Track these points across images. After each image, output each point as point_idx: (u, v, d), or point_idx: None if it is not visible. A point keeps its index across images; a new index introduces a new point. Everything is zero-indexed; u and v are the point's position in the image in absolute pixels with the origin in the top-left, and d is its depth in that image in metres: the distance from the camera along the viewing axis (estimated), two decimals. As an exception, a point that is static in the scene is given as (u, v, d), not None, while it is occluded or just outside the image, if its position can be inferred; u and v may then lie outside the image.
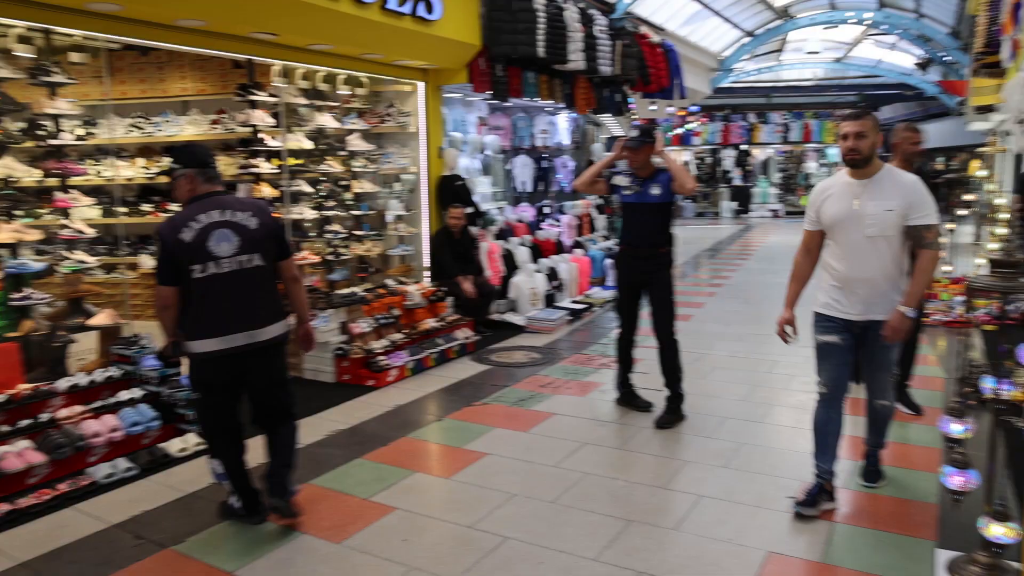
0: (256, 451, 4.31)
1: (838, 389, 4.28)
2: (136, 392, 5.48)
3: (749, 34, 19.09)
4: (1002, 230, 9.31)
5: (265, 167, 7.47)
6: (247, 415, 4.20)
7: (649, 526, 4.13)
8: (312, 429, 5.66)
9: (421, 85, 8.96)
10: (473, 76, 8.84)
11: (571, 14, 9.82)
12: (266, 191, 7.45)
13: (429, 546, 3.96)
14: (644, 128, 5.82)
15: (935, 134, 31.12)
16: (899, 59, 24.95)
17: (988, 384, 3.86)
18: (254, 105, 7.39)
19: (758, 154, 30.48)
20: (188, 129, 8.61)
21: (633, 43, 11.82)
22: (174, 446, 5.16)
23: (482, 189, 10.52)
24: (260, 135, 7.49)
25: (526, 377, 7.02)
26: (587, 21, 10.37)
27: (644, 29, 12.69)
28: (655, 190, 5.67)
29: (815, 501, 4.23)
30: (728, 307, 10.29)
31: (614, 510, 4.32)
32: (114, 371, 5.60)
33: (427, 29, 7.68)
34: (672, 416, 5.72)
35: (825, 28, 20.74)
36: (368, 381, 6.78)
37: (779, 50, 24.57)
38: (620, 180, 5.84)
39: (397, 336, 7.27)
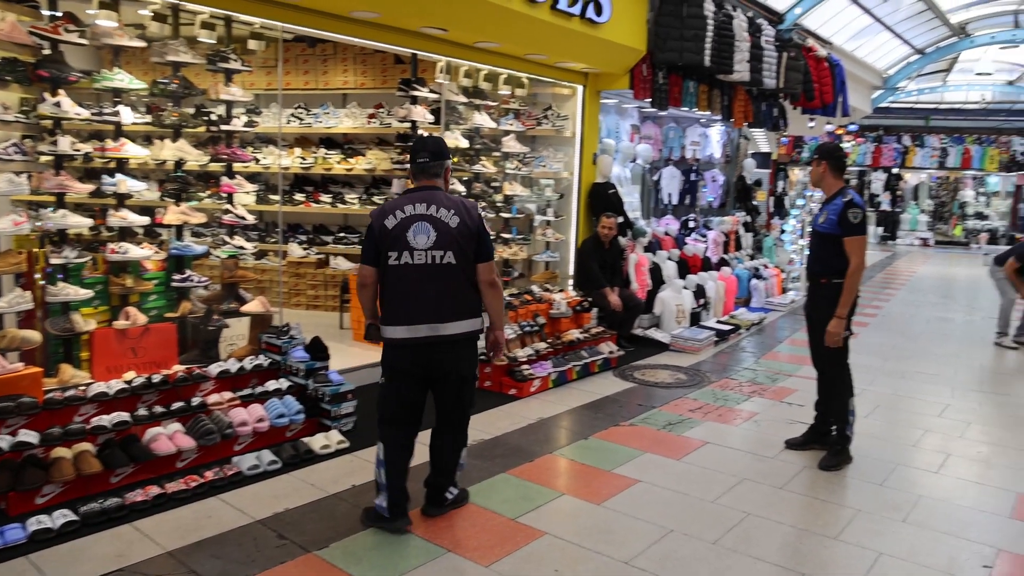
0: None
1: None
2: (283, 383, 5.44)
3: (919, 52, 17.88)
4: None
5: (420, 164, 7.37)
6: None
7: (826, 585, 3.70)
8: (453, 437, 5.48)
9: (580, 88, 8.70)
10: (635, 82, 8.50)
11: (740, 23, 9.34)
12: (419, 188, 7.35)
13: (583, 583, 3.65)
14: (820, 145, 5.42)
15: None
16: (1084, 85, 22.88)
17: None
18: (415, 101, 7.30)
19: (910, 178, 28.75)
20: (345, 122, 8.68)
21: (799, 56, 11.19)
22: (317, 442, 5.06)
23: (628, 199, 10.16)
24: (419, 131, 7.39)
25: (673, 399, 6.63)
26: (755, 31, 9.86)
27: (811, 42, 12.00)
28: (821, 217, 5.23)
29: None
30: (884, 340, 9.54)
31: (783, 560, 3.91)
32: (263, 360, 5.58)
33: (594, 31, 7.40)
34: (837, 458, 5.23)
35: (1002, 48, 19.23)
36: (510, 390, 6.55)
37: (947, 70, 23.00)
38: None
39: (541, 345, 7.01)
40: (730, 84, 10.14)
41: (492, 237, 8.00)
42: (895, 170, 27.95)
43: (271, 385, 5.39)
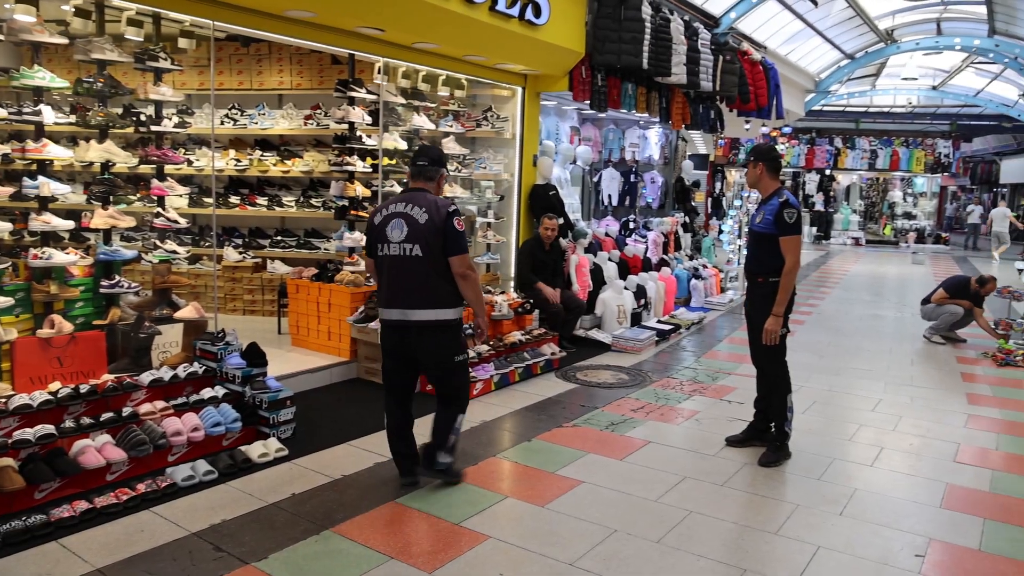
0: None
1: None
2: (219, 390, 5.29)
3: (849, 56, 18.36)
4: None
5: (359, 165, 7.26)
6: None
7: (767, 580, 3.74)
8: (395, 442, 5.41)
9: (520, 90, 8.69)
10: (574, 84, 8.53)
11: (677, 26, 9.45)
12: (359, 190, 7.24)
13: (528, 587, 3.62)
14: (755, 147, 5.51)
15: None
16: (1001, 90, 23.84)
17: None
18: (352, 102, 7.19)
19: (842, 179, 29.56)
20: (281, 123, 8.53)
21: (735, 59, 11.38)
22: (255, 451, 4.92)
23: (569, 200, 10.19)
24: (357, 132, 7.28)
25: (616, 399, 6.66)
26: (691, 34, 9.99)
27: (746, 46, 12.22)
28: (758, 217, 5.32)
29: None
30: (820, 338, 9.76)
31: (725, 556, 3.95)
32: (197, 367, 5.42)
33: (533, 33, 7.40)
34: (777, 454, 5.32)
35: (925, 54, 19.90)
36: (452, 394, 6.48)
37: (875, 74, 23.69)
38: None
39: (483, 348, 6.95)
40: (668, 87, 10.25)
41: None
42: (828, 171, 28.70)
43: (206, 393, 5.23)
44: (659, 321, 9.75)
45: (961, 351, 9.29)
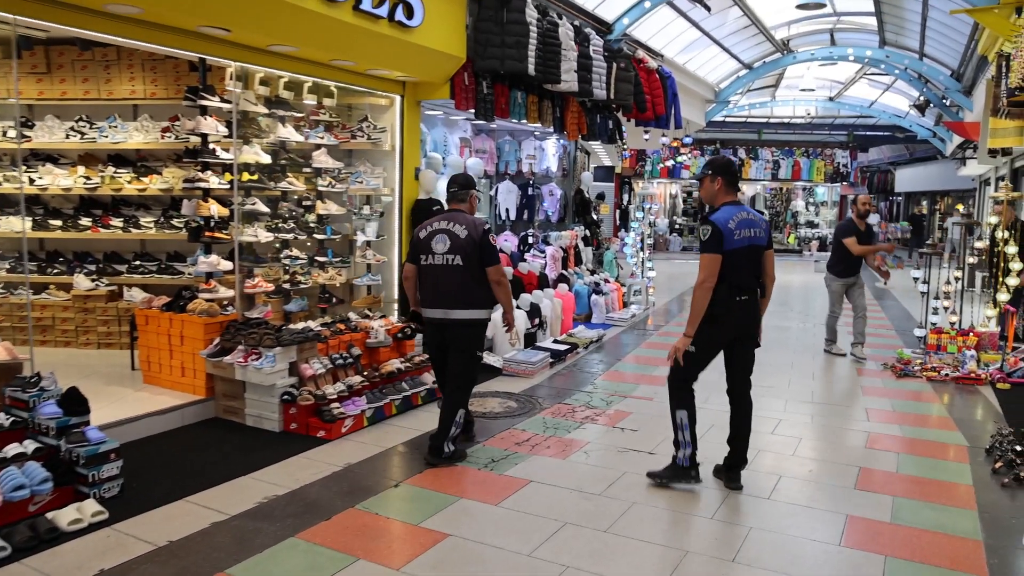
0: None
1: None
2: (28, 446, 4.52)
3: (747, 66, 18.45)
4: (1014, 280, 8.65)
5: (214, 181, 6.56)
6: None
7: (649, 657, 3.23)
8: (244, 493, 4.75)
9: (398, 99, 8.09)
10: (456, 92, 8.00)
11: (566, 31, 9.07)
12: (215, 209, 6.52)
13: None
14: (711, 160, 5.12)
15: (921, 178, 31.04)
16: (893, 101, 24.54)
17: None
18: (205, 112, 6.50)
19: (746, 190, 30.02)
20: (136, 136, 7.77)
21: (629, 67, 11.10)
22: (65, 516, 4.18)
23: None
24: (211, 145, 6.58)
25: (500, 431, 6.13)
26: (582, 40, 9.64)
27: (641, 53, 11.97)
28: None
29: None
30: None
31: (601, 627, 3.42)
32: (3, 419, 4.64)
33: (406, 36, 6.85)
34: (667, 472, 5.08)
35: (821, 65, 20.24)
36: (318, 432, 5.85)
37: (774, 85, 24.05)
38: None
39: (356, 379, 6.33)
40: (561, 95, 9.87)
41: (305, 261, 7.40)
42: (732, 181, 29.07)
43: (12, 450, 4.46)
44: (555, 341, 9.28)
45: (861, 363, 9.12)
